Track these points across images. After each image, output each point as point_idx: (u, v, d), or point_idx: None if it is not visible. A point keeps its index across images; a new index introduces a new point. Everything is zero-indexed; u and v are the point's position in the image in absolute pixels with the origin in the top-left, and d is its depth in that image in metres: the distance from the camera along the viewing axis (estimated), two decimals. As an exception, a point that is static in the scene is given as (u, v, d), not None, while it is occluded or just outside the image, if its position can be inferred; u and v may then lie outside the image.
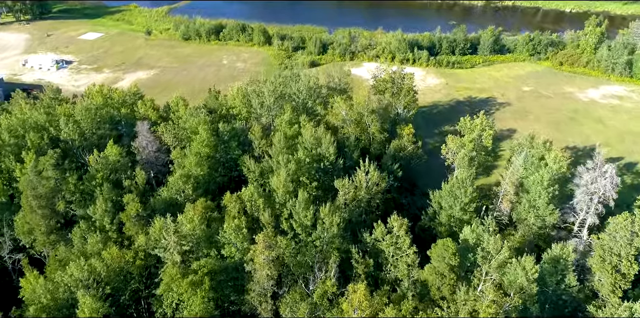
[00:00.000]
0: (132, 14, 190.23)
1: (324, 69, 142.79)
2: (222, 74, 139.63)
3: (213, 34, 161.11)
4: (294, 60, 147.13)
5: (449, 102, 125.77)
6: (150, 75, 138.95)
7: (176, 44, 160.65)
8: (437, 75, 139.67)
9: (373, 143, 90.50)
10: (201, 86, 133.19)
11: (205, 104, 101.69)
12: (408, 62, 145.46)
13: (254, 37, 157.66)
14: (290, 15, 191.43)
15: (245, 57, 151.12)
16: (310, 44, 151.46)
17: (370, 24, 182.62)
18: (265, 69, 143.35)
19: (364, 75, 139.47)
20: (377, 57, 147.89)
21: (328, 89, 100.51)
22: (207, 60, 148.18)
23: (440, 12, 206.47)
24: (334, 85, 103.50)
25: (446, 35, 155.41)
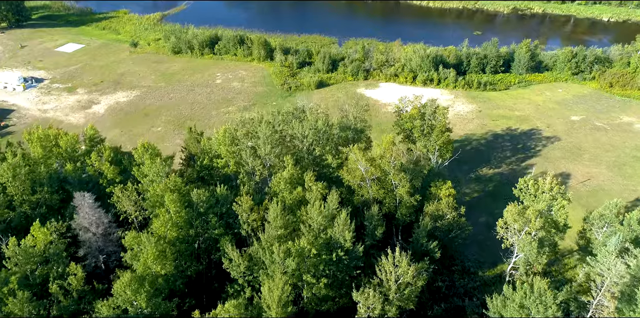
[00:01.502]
0: (121, 21, 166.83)
1: (333, 91, 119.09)
2: (215, 97, 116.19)
3: (207, 46, 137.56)
4: (299, 79, 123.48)
5: (484, 136, 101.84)
6: (131, 98, 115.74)
7: (165, 58, 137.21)
8: (468, 100, 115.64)
9: (401, 208, 66.99)
10: (190, 112, 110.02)
11: (185, 146, 78.64)
12: (432, 82, 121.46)
13: (253, 51, 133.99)
14: (295, 24, 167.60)
15: (243, 74, 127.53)
16: (318, 60, 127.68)
17: (384, 33, 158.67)
18: (265, 90, 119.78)
19: (381, 99, 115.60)
20: (395, 76, 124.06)
21: (341, 129, 76.85)
22: (198, 79, 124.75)
23: (460, 19, 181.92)
24: (348, 121, 79.81)
25: (475, 50, 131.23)
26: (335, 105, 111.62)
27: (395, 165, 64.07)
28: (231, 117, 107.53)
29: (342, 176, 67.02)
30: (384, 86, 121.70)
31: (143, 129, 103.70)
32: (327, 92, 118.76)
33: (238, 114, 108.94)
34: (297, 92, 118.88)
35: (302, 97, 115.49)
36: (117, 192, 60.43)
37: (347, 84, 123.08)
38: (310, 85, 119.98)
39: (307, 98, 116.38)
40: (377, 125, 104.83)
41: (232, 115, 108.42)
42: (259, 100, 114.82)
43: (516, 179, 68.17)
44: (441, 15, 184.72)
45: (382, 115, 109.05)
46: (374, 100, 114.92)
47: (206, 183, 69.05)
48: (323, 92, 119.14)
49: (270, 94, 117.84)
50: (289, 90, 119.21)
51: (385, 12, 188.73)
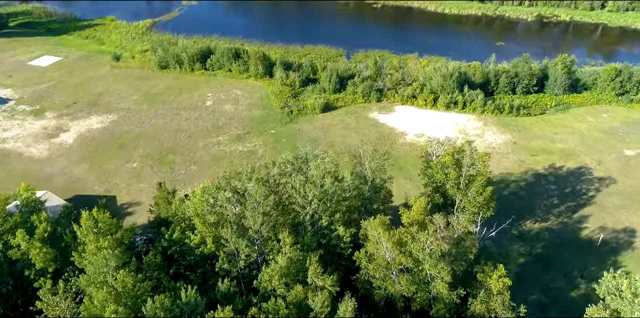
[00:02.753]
0: (106, 29, 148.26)
1: (342, 116, 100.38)
2: (204, 123, 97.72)
3: (198, 60, 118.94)
4: (301, 101, 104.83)
5: (524, 176, 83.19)
6: (106, 124, 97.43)
7: (150, 74, 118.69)
8: (500, 128, 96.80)
9: (437, 304, 48.64)
10: (173, 142, 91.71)
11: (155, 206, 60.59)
12: (456, 106, 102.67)
13: (249, 66, 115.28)
14: (298, 32, 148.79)
15: (238, 95, 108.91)
16: (324, 77, 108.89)
17: (397, 43, 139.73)
18: (263, 114, 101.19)
19: (398, 126, 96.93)
20: (413, 98, 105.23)
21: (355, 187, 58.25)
22: (185, 100, 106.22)
23: (478, 27, 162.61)
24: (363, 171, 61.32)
25: (503, 66, 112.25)
26: (344, 134, 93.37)
27: (434, 253, 45.67)
28: (221, 150, 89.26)
29: (360, 262, 48.77)
30: (401, 110, 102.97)
31: (116, 164, 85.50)
32: (334, 117, 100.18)
33: (230, 145, 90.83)
34: (300, 116, 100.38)
35: (304, 124, 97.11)
36: (45, 296, 42.26)
37: (357, 106, 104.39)
38: (314, 108, 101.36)
39: (310, 124, 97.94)
40: (394, 161, 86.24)
41: (223, 147, 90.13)
42: (255, 128, 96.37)
43: (570, 238, 50.73)
44: (457, 23, 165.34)
45: (399, 147, 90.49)
46: (389, 128, 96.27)
47: (175, 265, 50.86)
48: (330, 116, 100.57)
49: (268, 119, 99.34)
50: (290, 114, 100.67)
51: (396, 19, 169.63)
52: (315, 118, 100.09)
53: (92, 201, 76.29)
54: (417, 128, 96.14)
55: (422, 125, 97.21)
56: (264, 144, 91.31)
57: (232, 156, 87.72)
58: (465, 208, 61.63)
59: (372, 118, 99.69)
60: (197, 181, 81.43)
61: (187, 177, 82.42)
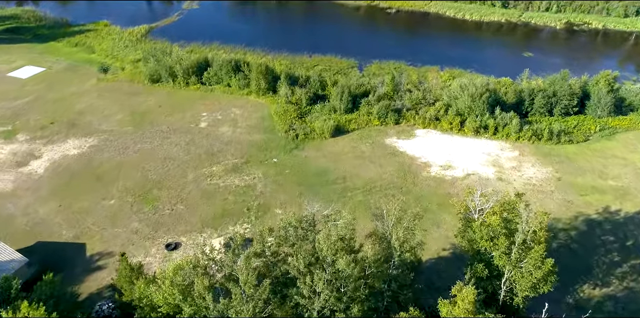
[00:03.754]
0: (98, 36, 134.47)
1: (355, 141, 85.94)
2: (196, 149, 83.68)
3: (194, 73, 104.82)
4: (308, 123, 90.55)
5: (573, 222, 68.51)
6: (84, 150, 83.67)
7: (139, 89, 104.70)
8: (539, 159, 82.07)
9: None
10: (159, 174, 77.89)
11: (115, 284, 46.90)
12: (486, 131, 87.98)
13: (251, 81, 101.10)
14: (306, 40, 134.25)
15: (236, 114, 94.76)
16: (334, 95, 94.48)
17: (413, 52, 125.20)
18: (264, 138, 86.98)
19: (420, 155, 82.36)
20: (436, 120, 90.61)
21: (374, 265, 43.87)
22: (177, 121, 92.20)
23: (500, 35, 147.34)
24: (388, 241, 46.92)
25: (538, 83, 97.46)
26: (357, 165, 78.93)
27: None
28: (214, 184, 75.22)
29: None
30: (422, 134, 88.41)
31: (90, 202, 71.69)
32: (346, 143, 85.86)
33: (224, 177, 76.81)
34: (306, 142, 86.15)
35: (311, 151, 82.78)
36: None
37: (372, 129, 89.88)
38: (323, 132, 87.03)
39: (318, 151, 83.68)
40: (416, 200, 72.18)
41: (216, 180, 76.09)
42: (255, 155, 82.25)
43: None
44: (478, 29, 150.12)
45: (422, 182, 76.06)
46: (409, 158, 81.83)
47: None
48: (341, 142, 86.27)
49: (270, 144, 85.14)
50: (295, 139, 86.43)
51: (411, 26, 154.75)
52: (324, 144, 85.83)
53: (57, 251, 63.13)
54: (442, 158, 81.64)
55: (447, 154, 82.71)
56: (265, 176, 77.20)
57: (227, 192, 73.67)
58: (516, 282, 47.39)
59: (390, 144, 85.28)
60: (183, 225, 67.59)
61: (172, 220, 68.47)
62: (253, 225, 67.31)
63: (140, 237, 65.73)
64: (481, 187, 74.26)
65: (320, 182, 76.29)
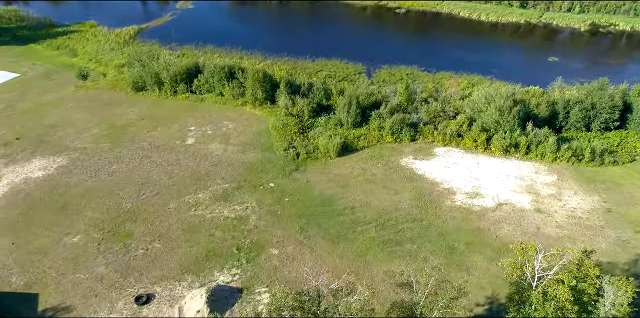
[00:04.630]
0: (83, 38, 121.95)
1: (365, 161, 73.03)
2: (180, 171, 70.96)
3: (183, 81, 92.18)
4: (311, 139, 77.85)
5: (632, 268, 55.63)
6: (50, 171, 71.06)
7: (121, 98, 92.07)
8: (581, 185, 69.13)
9: None
10: (134, 202, 65.29)
11: None
12: (517, 150, 75.09)
13: (246, 90, 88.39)
14: (308, 43, 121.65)
15: (229, 129, 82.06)
16: (341, 106, 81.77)
17: (426, 57, 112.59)
18: (260, 158, 74.22)
19: (442, 179, 69.38)
20: (458, 137, 77.75)
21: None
22: (161, 136, 79.57)
23: (518, 37, 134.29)
24: None
25: (575, 95, 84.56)
26: (368, 191, 66.10)
27: None
28: (199, 216, 62.58)
29: None
30: (443, 154, 75.58)
31: (50, 238, 59.08)
32: (355, 164, 73.06)
33: (212, 207, 64.28)
34: (309, 162, 73.43)
35: (315, 174, 69.87)
36: None
37: (385, 147, 77.11)
38: (328, 150, 74.30)
39: (323, 174, 70.98)
40: (440, 237, 59.75)
41: (202, 211, 63.43)
42: (249, 179, 69.56)
43: None
44: (494, 31, 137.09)
45: (446, 214, 63.26)
46: (429, 183, 69.02)
47: None
48: (349, 163, 73.49)
49: (266, 165, 72.42)
50: (295, 158, 73.70)
51: (422, 27, 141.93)
52: (330, 165, 73.08)
53: (2, 305, 50.48)
54: (467, 183, 68.83)
55: (474, 178, 69.89)
56: (259, 206, 64.52)
57: (214, 225, 61.01)
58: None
59: (406, 166, 72.46)
60: (159, 269, 54.99)
61: (146, 263, 55.87)
62: (244, 271, 54.76)
63: (105, 285, 53.13)
64: (516, 220, 61.84)
65: (324, 212, 63.61)
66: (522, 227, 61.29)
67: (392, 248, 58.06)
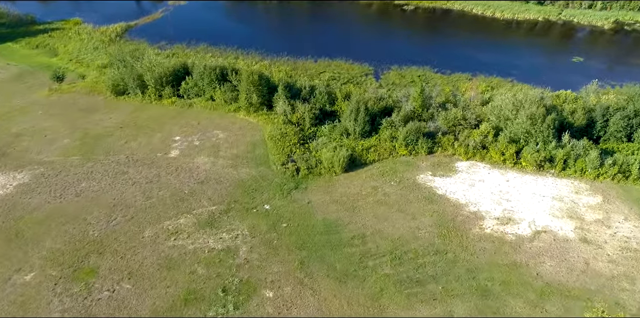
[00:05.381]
0: (65, 36, 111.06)
1: (375, 178, 61.73)
2: (159, 191, 59.84)
3: (169, 83, 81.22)
4: (314, 151, 66.81)
5: None
6: (9, 190, 59.99)
7: (100, 102, 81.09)
8: (632, 208, 57.77)
9: None
10: (102, 230, 54.30)
11: None
12: (552, 164, 64.00)
13: (240, 94, 77.35)
14: (310, 42, 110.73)
15: (220, 139, 71.03)
16: (347, 113, 70.71)
17: (438, 57, 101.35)
18: (254, 174, 63.10)
19: (467, 203, 58.03)
20: (483, 149, 66.64)
21: None
22: (142, 147, 68.51)
23: (537, 35, 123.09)
24: None
25: (613, 101, 73.50)
26: (381, 216, 54.89)
27: None
28: (179, 247, 51.60)
29: None
30: (466, 169, 64.46)
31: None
32: (364, 182, 61.96)
33: (194, 235, 53.44)
34: (311, 179, 62.37)
35: (317, 194, 58.67)
36: None
37: (398, 161, 66.03)
38: (333, 165, 63.25)
39: (327, 194, 59.94)
40: (470, 274, 48.77)
41: (182, 241, 52.45)
42: (240, 200, 58.59)
43: None
44: (509, 29, 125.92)
45: (473, 245, 52.20)
46: (452, 205, 58.02)
47: None
48: (357, 180, 62.43)
49: (261, 183, 61.41)
50: (295, 175, 62.70)
51: (432, 25, 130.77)
52: (335, 182, 62.03)
53: None
54: (497, 205, 57.83)
55: (504, 199, 58.85)
56: (252, 234, 53.63)
57: (196, 260, 50.02)
58: None
59: (424, 184, 61.43)
60: (126, 319, 44.10)
61: (111, 310, 44.68)
62: (230, 321, 43.90)
63: (57, 341, 42.42)
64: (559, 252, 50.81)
65: (329, 242, 52.63)
66: (567, 261, 50.27)
67: (411, 290, 47.12)
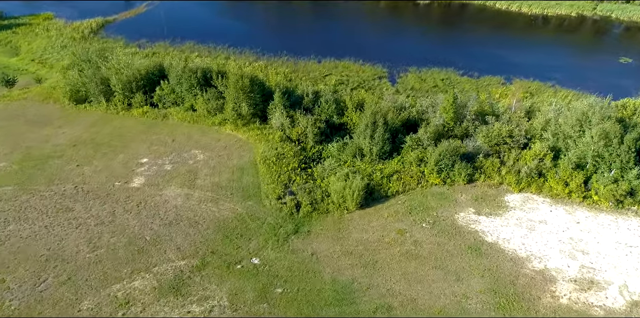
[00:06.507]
0: (31, 32, 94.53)
1: (399, 218, 44.69)
2: (111, 238, 43.50)
3: (141, 89, 64.85)
4: (319, 179, 50.59)
5: None
6: None
7: (54, 113, 64.61)
8: None
9: None
10: (23, 303, 36.88)
11: None
12: (633, 199, 47.83)
13: (227, 103, 61.03)
14: (312, 40, 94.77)
15: (199, 162, 54.65)
16: (360, 127, 54.40)
17: (461, 57, 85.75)
18: (240, 211, 46.55)
19: (528, 255, 40.76)
20: (539, 177, 50.19)
21: None
22: (96, 172, 51.98)
23: (568, 32, 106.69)
24: None
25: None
26: (411, 278, 37.49)
27: None
28: (126, 331, 35.23)
29: None
30: (519, 204, 48.09)
31: None
32: (385, 222, 45.71)
33: (152, 307, 37.07)
34: (315, 218, 46.00)
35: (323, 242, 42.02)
36: None
37: (429, 193, 49.69)
38: (345, 199, 46.88)
39: (336, 241, 43.44)
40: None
41: (134, 315, 36.25)
42: (219, 249, 42.27)
43: None
44: (533, 25, 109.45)
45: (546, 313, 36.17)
46: (509, 259, 41.64)
47: None
48: (376, 219, 46.11)
49: (249, 224, 45.12)
50: (294, 213, 46.40)
51: (447, 21, 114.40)
52: (348, 223, 45.77)
53: None
54: (570, 260, 41.52)
55: (577, 250, 42.52)
56: (233, 305, 37.41)
57: (151, 350, 34.14)
58: None
59: (467, 227, 45.17)
60: None
61: None
62: None
63: None
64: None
65: None
66: (687, 353, 34.19)
67: None
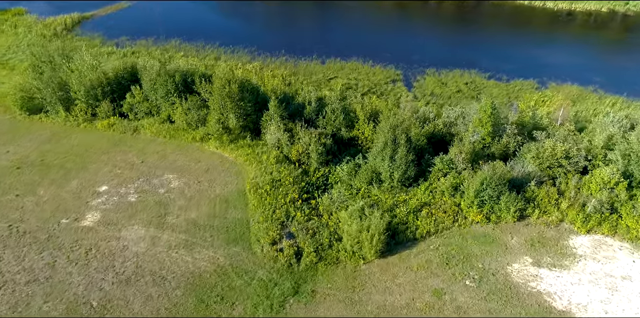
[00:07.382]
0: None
1: (433, 271, 31.93)
2: (44, 306, 30.97)
3: (107, 96, 52.79)
4: (325, 214, 38.60)
5: None
6: None
7: (3, 126, 52.95)
8: None
9: None
10: None
11: None
12: None
13: (211, 113, 49.12)
14: (315, 38, 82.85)
15: (172, 190, 42.66)
16: (377, 145, 42.41)
17: (485, 57, 74.01)
18: (223, 265, 34.22)
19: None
20: (611, 212, 38.04)
21: None
22: (39, 207, 39.68)
23: (601, 29, 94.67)
24: None
25: None
26: None
27: None
28: None
29: None
30: (590, 252, 36.22)
31: None
32: (414, 277, 33.83)
33: None
34: (321, 272, 33.97)
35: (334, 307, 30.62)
36: None
37: (469, 234, 37.73)
38: (361, 244, 35.12)
39: (351, 307, 31.42)
40: None
41: None
42: (192, 322, 30.69)
43: None
44: (556, 22, 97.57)
45: None
46: (591, 337, 30.14)
47: None
48: (402, 274, 34.21)
49: (234, 281, 33.06)
50: (294, 263, 34.57)
51: (461, 18, 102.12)
52: (365, 280, 33.71)
53: None
54: (678, 339, 29.94)
55: (685, 323, 30.95)
56: None
57: None
58: None
59: (525, 285, 33.14)
60: None
61: None
62: None
63: None
64: None
65: None
66: None
67: None
